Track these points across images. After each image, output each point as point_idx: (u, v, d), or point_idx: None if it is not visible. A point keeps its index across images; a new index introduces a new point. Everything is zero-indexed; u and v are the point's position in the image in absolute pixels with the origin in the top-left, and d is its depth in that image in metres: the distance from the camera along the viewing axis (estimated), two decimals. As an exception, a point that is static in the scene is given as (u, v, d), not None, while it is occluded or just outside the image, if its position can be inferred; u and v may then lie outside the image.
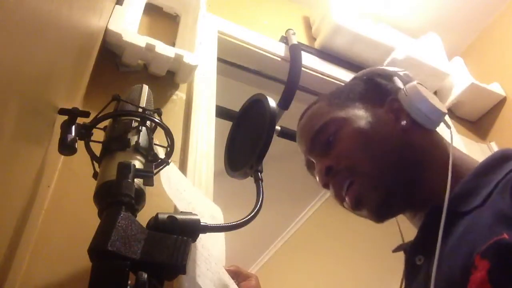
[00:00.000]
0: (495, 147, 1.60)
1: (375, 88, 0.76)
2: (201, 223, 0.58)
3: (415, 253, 0.63)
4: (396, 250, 0.70)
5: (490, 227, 0.51)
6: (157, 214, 0.54)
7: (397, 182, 0.66)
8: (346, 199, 0.68)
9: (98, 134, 0.62)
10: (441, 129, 0.71)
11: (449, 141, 0.67)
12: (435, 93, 1.68)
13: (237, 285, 0.79)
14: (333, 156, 0.70)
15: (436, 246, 0.54)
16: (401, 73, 0.76)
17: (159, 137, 0.70)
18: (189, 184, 0.86)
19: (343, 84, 0.89)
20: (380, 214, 0.68)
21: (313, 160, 0.75)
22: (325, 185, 0.71)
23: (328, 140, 0.71)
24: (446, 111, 0.69)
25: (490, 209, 0.54)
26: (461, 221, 0.57)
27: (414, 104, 0.68)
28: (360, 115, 0.71)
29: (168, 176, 0.72)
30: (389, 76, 0.77)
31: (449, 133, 0.68)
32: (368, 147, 0.68)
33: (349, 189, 0.68)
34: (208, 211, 0.83)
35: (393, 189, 0.66)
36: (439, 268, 0.53)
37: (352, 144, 0.69)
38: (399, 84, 0.75)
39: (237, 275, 0.82)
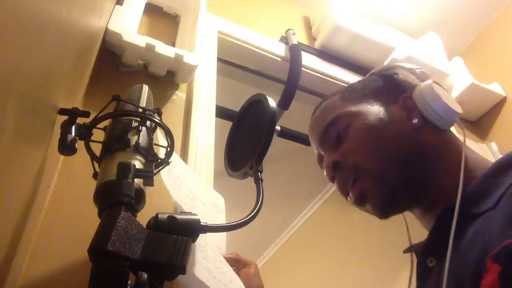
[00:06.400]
0: (495, 147, 1.60)
1: (390, 84, 0.75)
2: (201, 223, 0.58)
3: (427, 255, 0.62)
4: (407, 250, 0.70)
5: (502, 230, 0.50)
6: (157, 214, 0.54)
7: (403, 181, 0.66)
8: (350, 194, 0.69)
9: (98, 134, 0.62)
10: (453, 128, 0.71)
11: (462, 141, 0.66)
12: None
13: (237, 272, 0.79)
14: (341, 151, 0.70)
15: (447, 249, 0.54)
16: (417, 71, 0.75)
17: (159, 137, 0.70)
18: (191, 172, 0.85)
19: (343, 84, 0.88)
20: (384, 211, 0.68)
21: (323, 154, 0.75)
22: (332, 179, 0.72)
23: (338, 134, 0.71)
24: (460, 111, 0.68)
25: (502, 212, 0.53)
26: (473, 223, 0.56)
27: (427, 102, 0.67)
28: (372, 111, 0.70)
29: (169, 166, 0.71)
30: (405, 73, 0.77)
31: (462, 133, 0.67)
32: (377, 145, 0.67)
33: (353, 185, 0.68)
34: (210, 200, 0.83)
35: (398, 188, 0.66)
36: (450, 271, 0.52)
37: (360, 141, 0.69)
38: (415, 81, 0.74)
39: (237, 262, 0.82)
